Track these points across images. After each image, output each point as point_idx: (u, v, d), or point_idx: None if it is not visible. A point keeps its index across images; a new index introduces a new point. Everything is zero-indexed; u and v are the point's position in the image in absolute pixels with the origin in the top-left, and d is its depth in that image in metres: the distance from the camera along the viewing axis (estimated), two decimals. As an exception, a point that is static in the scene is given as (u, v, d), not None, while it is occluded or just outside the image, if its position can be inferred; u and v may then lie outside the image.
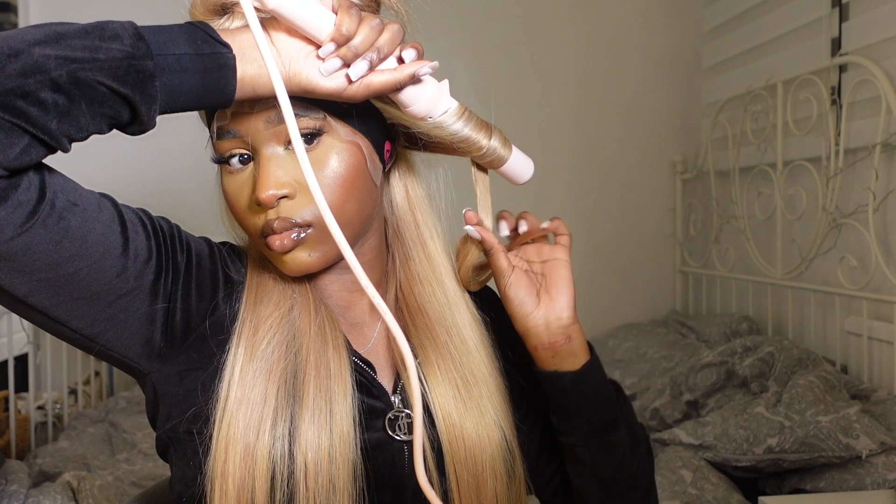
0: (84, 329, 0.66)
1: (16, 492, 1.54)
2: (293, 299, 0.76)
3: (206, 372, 0.72)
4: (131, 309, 0.68)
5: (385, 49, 0.65)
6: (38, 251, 0.60)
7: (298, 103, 0.69)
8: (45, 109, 0.55)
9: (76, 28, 0.57)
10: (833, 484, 1.52)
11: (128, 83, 0.57)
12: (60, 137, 0.57)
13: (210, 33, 0.62)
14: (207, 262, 0.75)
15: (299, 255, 0.71)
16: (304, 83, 0.64)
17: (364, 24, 0.64)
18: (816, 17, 2.12)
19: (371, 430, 0.75)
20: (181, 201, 1.92)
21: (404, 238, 0.82)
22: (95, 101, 0.57)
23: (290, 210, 0.70)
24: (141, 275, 0.67)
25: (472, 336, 0.80)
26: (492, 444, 0.77)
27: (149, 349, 0.70)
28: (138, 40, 0.58)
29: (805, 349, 1.92)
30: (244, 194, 0.72)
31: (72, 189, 0.63)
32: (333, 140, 0.71)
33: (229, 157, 0.72)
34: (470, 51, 2.70)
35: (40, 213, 0.59)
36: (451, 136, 0.72)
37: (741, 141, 2.44)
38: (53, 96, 0.55)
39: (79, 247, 0.62)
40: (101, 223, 0.64)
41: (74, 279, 0.63)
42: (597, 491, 0.82)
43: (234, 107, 0.70)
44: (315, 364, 0.72)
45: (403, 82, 0.66)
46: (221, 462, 0.68)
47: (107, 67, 0.56)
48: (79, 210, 0.62)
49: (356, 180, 0.72)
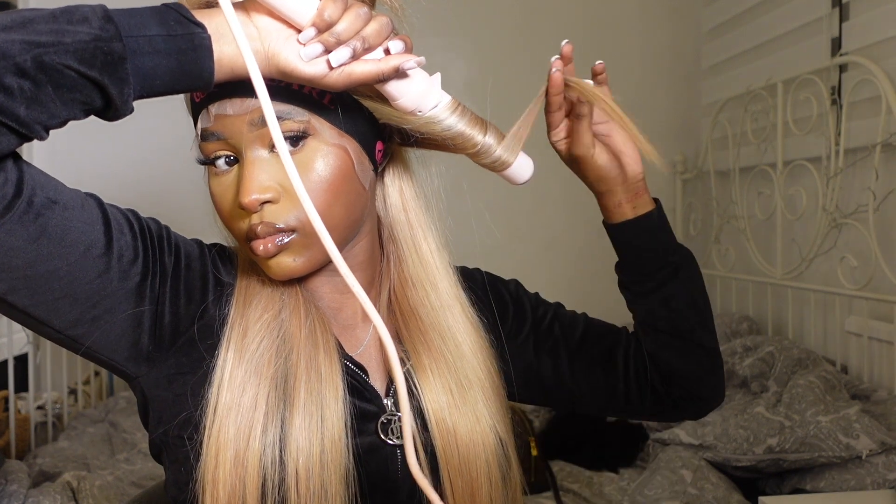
0: (67, 329, 0.65)
1: (16, 492, 1.54)
2: (283, 301, 0.74)
3: (196, 376, 0.71)
4: (116, 310, 0.67)
5: (371, 39, 0.62)
6: (16, 248, 0.59)
7: (283, 104, 0.67)
8: (10, 95, 0.54)
9: (44, 13, 0.56)
10: (833, 484, 1.52)
11: (95, 66, 0.56)
12: (32, 124, 0.56)
13: (183, 13, 0.60)
14: (197, 264, 0.74)
15: (284, 259, 0.70)
16: (283, 65, 0.62)
17: (350, 12, 0.62)
18: (816, 17, 2.12)
19: (363, 434, 0.74)
20: (171, 202, 1.92)
21: (398, 239, 0.81)
22: (63, 85, 0.55)
23: (274, 215, 0.69)
24: (126, 276, 0.66)
25: (467, 339, 0.79)
26: (486, 448, 0.76)
27: (136, 352, 0.70)
28: (107, 22, 0.56)
29: (805, 349, 1.92)
30: (229, 197, 0.71)
31: (52, 187, 0.62)
32: (319, 143, 0.70)
33: (215, 159, 0.71)
34: (467, 49, 2.69)
35: (16, 209, 0.58)
36: (443, 131, 0.70)
37: (741, 141, 2.44)
38: (19, 81, 0.54)
39: (57, 245, 0.61)
40: (81, 222, 0.63)
41: (54, 278, 0.62)
42: (694, 314, 0.85)
43: (216, 108, 0.69)
44: (306, 367, 0.71)
45: (387, 74, 0.64)
46: (212, 469, 0.67)
47: (73, 50, 0.55)
48: (58, 208, 0.61)
49: (342, 184, 0.71)
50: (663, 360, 0.87)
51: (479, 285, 0.88)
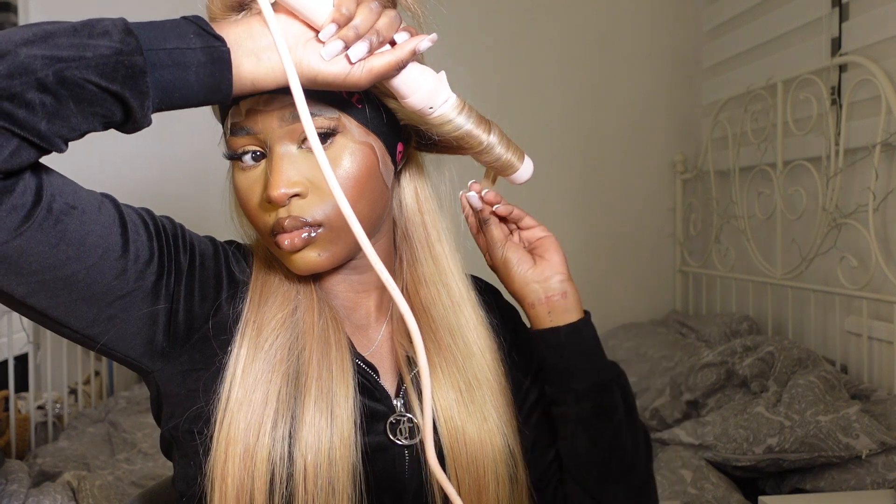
0: (85, 329, 0.66)
1: (16, 492, 1.54)
2: (297, 300, 0.75)
3: (209, 372, 0.71)
4: (132, 309, 0.67)
5: (384, 32, 0.64)
6: (35, 254, 0.59)
7: (314, 103, 0.68)
8: (32, 111, 0.54)
9: (65, 26, 0.56)
10: (833, 484, 1.52)
11: (116, 80, 0.56)
12: (53, 138, 0.56)
13: (203, 27, 0.60)
14: (211, 262, 0.74)
15: (309, 254, 0.71)
16: (307, 71, 0.63)
17: (363, 6, 0.63)
18: (816, 17, 2.12)
19: (372, 433, 0.74)
20: (185, 202, 1.93)
21: (412, 240, 0.81)
22: (84, 100, 0.56)
23: (302, 209, 0.70)
24: (142, 276, 0.67)
25: (477, 340, 0.80)
26: (494, 448, 0.76)
27: (151, 349, 0.70)
28: (128, 35, 0.57)
29: (805, 349, 1.92)
30: (256, 192, 0.72)
31: (71, 192, 0.62)
32: (347, 140, 0.71)
33: (242, 154, 0.72)
34: (469, 51, 2.69)
35: (36, 216, 0.58)
36: (455, 129, 0.71)
37: (741, 141, 2.44)
38: (40, 97, 0.54)
39: (76, 249, 0.62)
40: (100, 225, 0.63)
41: (73, 281, 0.62)
42: (594, 467, 0.80)
43: (248, 104, 0.70)
44: (317, 366, 0.72)
45: (405, 59, 0.65)
46: (221, 463, 0.68)
47: (94, 65, 0.55)
48: (77, 213, 0.62)
49: (368, 181, 0.72)
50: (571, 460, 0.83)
51: (492, 299, 0.89)
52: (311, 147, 0.61)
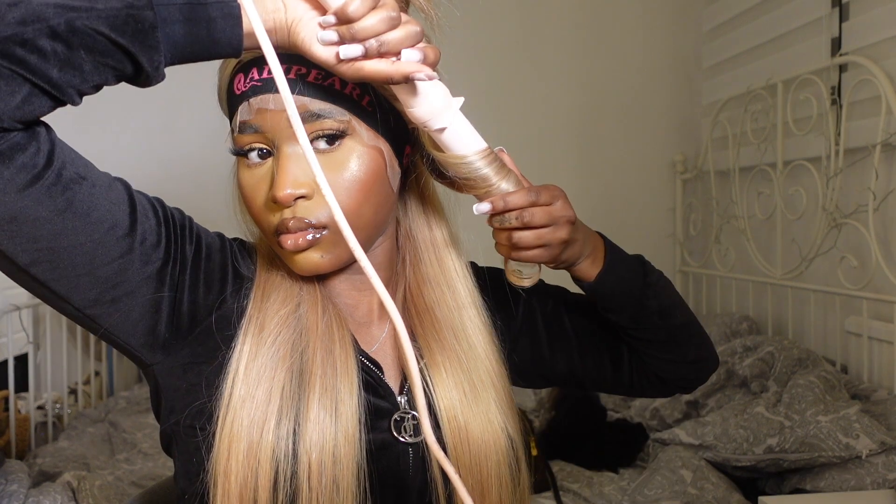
0: (87, 308, 0.66)
1: (16, 492, 1.54)
2: (301, 297, 0.75)
3: (211, 366, 0.71)
4: (136, 294, 0.67)
5: (390, 44, 0.61)
6: (41, 218, 0.60)
7: (324, 103, 0.68)
8: (44, 57, 0.55)
9: None
10: (833, 484, 1.52)
11: (126, 33, 0.56)
12: (65, 87, 0.56)
13: None
14: (217, 256, 0.75)
15: (312, 255, 0.71)
16: (299, 42, 0.62)
17: (377, 13, 0.61)
18: (816, 17, 2.12)
19: (376, 430, 0.74)
20: (185, 201, 1.92)
21: (416, 240, 0.81)
22: (95, 50, 0.56)
23: (307, 210, 0.70)
24: (147, 259, 0.67)
25: (481, 341, 0.80)
26: (497, 448, 0.76)
27: (153, 339, 0.70)
28: None
29: (805, 349, 1.92)
30: (261, 190, 0.72)
31: (82, 164, 0.63)
32: (356, 143, 0.71)
33: (248, 150, 0.72)
34: (469, 50, 2.69)
35: (45, 178, 0.59)
36: (469, 173, 0.72)
37: (741, 141, 2.44)
38: (52, 44, 0.55)
39: (82, 220, 0.62)
40: (108, 200, 0.64)
41: (76, 253, 0.63)
42: (665, 341, 0.86)
43: (258, 102, 0.70)
44: (321, 362, 0.72)
45: (394, 78, 0.63)
46: (224, 460, 0.68)
47: (105, 16, 0.56)
48: (87, 184, 0.62)
49: (374, 185, 0.72)
50: (650, 358, 0.88)
51: (488, 280, 0.88)
52: (304, 148, 0.60)
